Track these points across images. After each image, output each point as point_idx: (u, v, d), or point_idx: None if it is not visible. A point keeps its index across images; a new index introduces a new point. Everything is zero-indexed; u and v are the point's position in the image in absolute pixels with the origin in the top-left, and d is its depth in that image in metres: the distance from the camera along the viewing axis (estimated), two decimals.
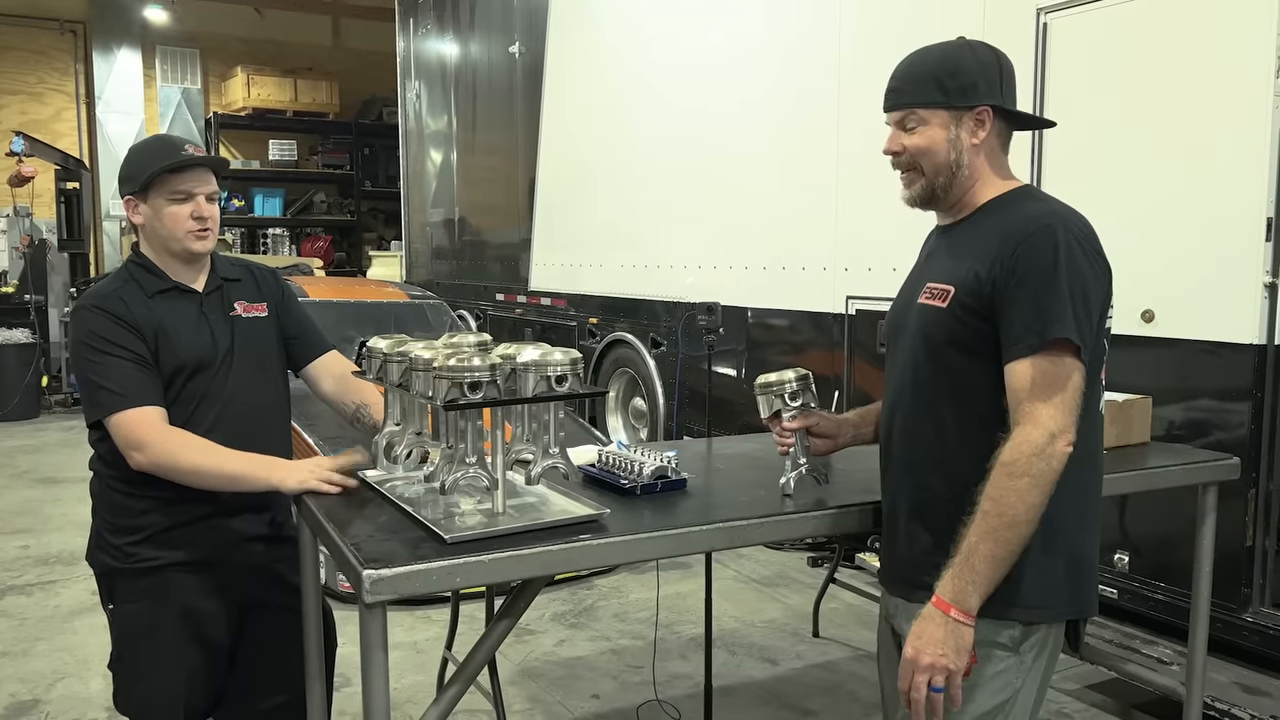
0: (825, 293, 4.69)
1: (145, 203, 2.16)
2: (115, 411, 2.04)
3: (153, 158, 2.15)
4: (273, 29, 13.27)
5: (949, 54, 1.75)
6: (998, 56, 1.77)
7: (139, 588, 2.16)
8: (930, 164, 1.76)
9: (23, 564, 5.08)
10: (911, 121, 1.76)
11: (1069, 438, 1.61)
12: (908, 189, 1.81)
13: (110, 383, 2.05)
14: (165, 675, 2.17)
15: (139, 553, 2.14)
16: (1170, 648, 3.22)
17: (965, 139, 1.74)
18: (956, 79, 1.72)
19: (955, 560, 1.63)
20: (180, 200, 2.14)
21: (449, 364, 1.81)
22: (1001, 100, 1.75)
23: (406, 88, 10.07)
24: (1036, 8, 3.59)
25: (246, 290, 2.31)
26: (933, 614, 1.64)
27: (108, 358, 2.06)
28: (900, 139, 1.78)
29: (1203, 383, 3.15)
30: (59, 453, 7.86)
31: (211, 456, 2.05)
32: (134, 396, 2.05)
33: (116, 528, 2.16)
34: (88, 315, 2.11)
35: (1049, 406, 1.60)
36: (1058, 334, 1.60)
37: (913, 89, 1.75)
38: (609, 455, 2.25)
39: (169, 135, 2.35)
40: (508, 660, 3.83)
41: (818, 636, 4.14)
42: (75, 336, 2.13)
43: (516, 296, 7.81)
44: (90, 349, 2.08)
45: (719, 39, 5.36)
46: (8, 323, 9.45)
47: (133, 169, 2.16)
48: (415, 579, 1.65)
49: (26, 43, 12.46)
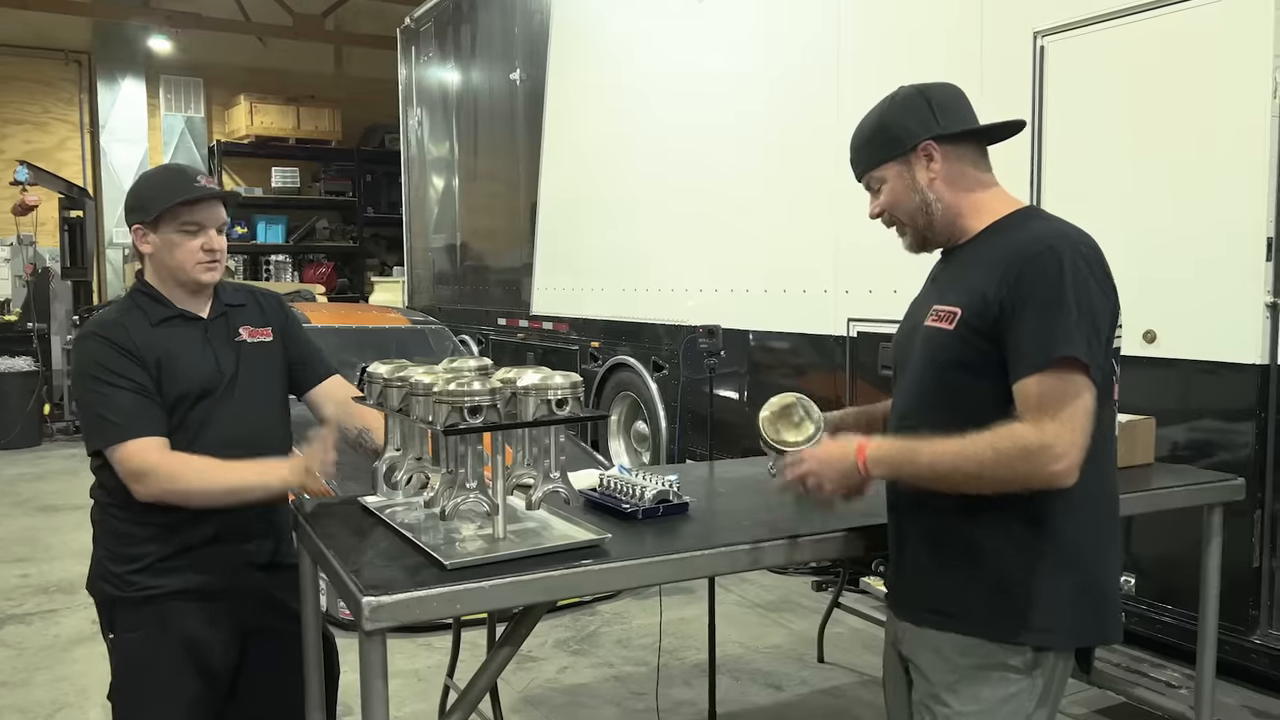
0: (826, 315, 4.69)
1: (155, 233, 2.15)
2: (117, 442, 2.04)
3: (165, 189, 2.15)
4: (275, 58, 13.39)
5: (877, 113, 1.86)
6: (923, 92, 1.82)
7: (139, 616, 2.14)
8: (904, 213, 1.84)
9: (23, 593, 5.05)
10: (874, 184, 1.87)
11: (1070, 461, 1.58)
12: (902, 240, 1.90)
13: (112, 413, 2.05)
14: (165, 705, 2.15)
15: (139, 581, 2.13)
16: (1179, 671, 3.19)
17: (922, 178, 1.80)
18: (887, 131, 1.82)
19: (903, 441, 1.73)
20: (191, 233, 2.14)
21: (449, 389, 1.81)
22: (941, 128, 1.79)
23: (408, 115, 10.14)
24: (1033, 31, 3.62)
25: (251, 315, 2.31)
26: (849, 454, 1.76)
27: (110, 387, 2.06)
28: (875, 202, 1.88)
29: (1206, 403, 3.14)
30: (60, 480, 7.85)
31: (208, 476, 2.05)
32: (135, 427, 2.05)
33: (117, 556, 2.15)
34: (91, 344, 2.11)
35: (1055, 423, 1.59)
36: (1064, 352, 1.59)
37: (860, 157, 1.88)
38: (610, 479, 2.24)
39: (180, 166, 2.36)
40: (510, 688, 3.80)
41: (823, 662, 4.10)
42: (78, 365, 2.13)
43: (518, 321, 7.82)
44: (93, 378, 2.07)
45: (719, 64, 5.40)
46: (10, 351, 9.46)
47: (143, 199, 2.16)
48: (416, 606, 1.64)
49: (32, 73, 12.57)
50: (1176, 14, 3.20)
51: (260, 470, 2.09)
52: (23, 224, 10.19)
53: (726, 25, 5.33)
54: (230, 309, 2.28)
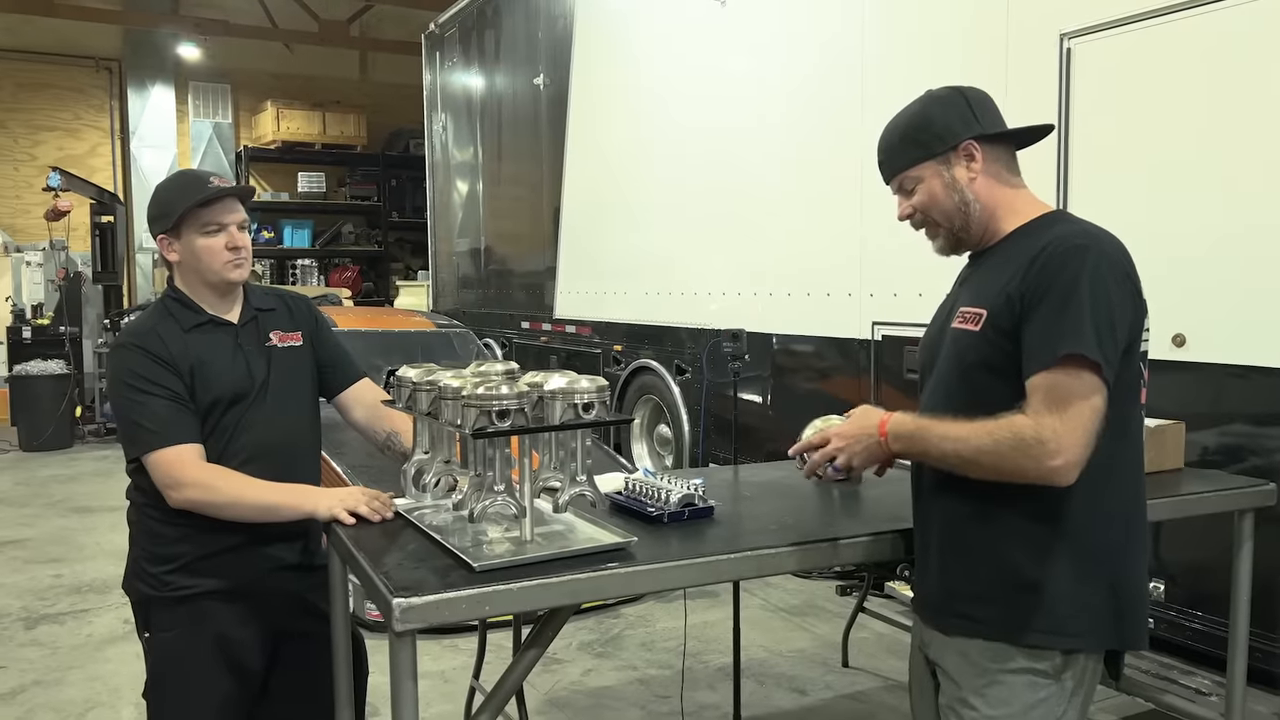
0: (851, 319, 4.68)
1: (179, 239, 2.19)
2: (153, 450, 2.08)
3: (180, 194, 2.18)
4: (302, 64, 13.53)
5: (914, 112, 1.83)
6: (961, 92, 1.82)
7: (174, 616, 2.18)
8: (940, 213, 1.81)
9: (56, 593, 5.13)
10: (908, 184, 1.83)
11: (1067, 459, 1.57)
12: (934, 243, 1.88)
13: (148, 421, 2.09)
14: (199, 703, 2.19)
15: (174, 581, 2.17)
16: (1209, 678, 3.15)
17: (962, 177, 1.79)
18: (929, 130, 1.79)
19: (923, 418, 1.75)
20: (213, 232, 2.17)
21: (477, 392, 1.83)
22: (981, 128, 1.78)
23: (433, 119, 10.21)
24: (1060, 33, 3.59)
25: (281, 320, 2.34)
26: (871, 430, 1.79)
27: (146, 396, 2.09)
28: (906, 203, 1.85)
29: (1236, 407, 3.11)
30: (92, 482, 7.96)
31: (246, 492, 2.08)
32: (171, 435, 2.08)
33: (152, 556, 2.19)
34: (126, 354, 2.15)
35: (1054, 418, 1.58)
36: (1072, 349, 1.58)
37: (896, 156, 1.84)
38: (636, 483, 2.25)
39: (192, 170, 2.40)
40: (535, 690, 3.82)
41: (847, 666, 4.09)
42: (114, 374, 2.17)
43: (542, 324, 7.85)
44: (129, 387, 2.11)
45: (742, 67, 5.40)
46: (43, 354, 9.61)
47: (162, 208, 2.19)
48: (445, 608, 1.66)
49: (64, 80, 12.78)
50: (1207, 15, 3.17)
51: (299, 496, 2.11)
52: (55, 229, 10.35)
53: (750, 28, 5.33)
54: (260, 313, 2.31)
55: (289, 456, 2.23)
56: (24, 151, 12.65)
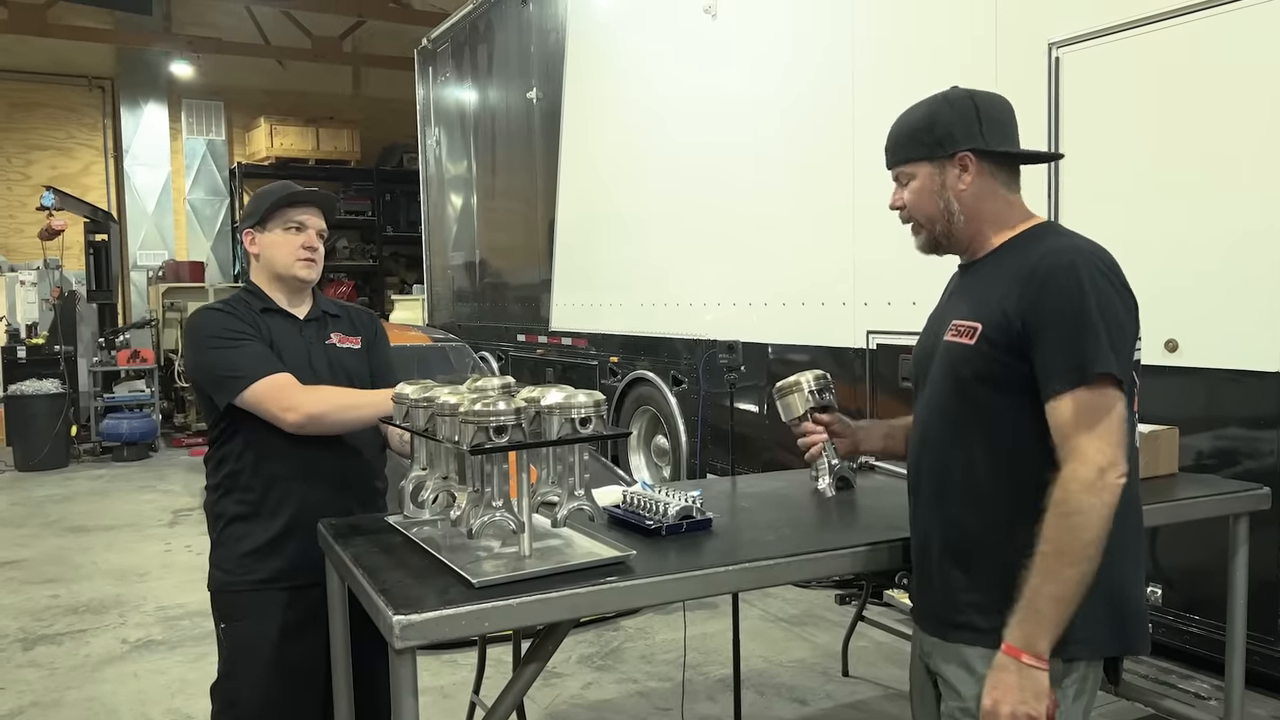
0: (846, 328, 4.69)
1: (263, 233, 2.38)
2: (257, 380, 2.20)
3: (274, 195, 2.40)
4: (294, 80, 13.55)
5: (927, 109, 1.84)
6: (976, 103, 1.82)
7: (247, 605, 2.29)
8: (924, 215, 1.84)
9: (53, 613, 5.12)
10: (903, 178, 1.86)
11: (1120, 469, 1.61)
12: (915, 239, 1.90)
13: (245, 360, 2.23)
14: (267, 692, 2.27)
15: (251, 568, 2.29)
16: (1207, 682, 3.16)
17: (953, 185, 1.80)
18: (933, 132, 1.81)
19: (1020, 605, 1.63)
20: (294, 230, 2.37)
21: (474, 409, 1.83)
22: (983, 144, 1.79)
23: (426, 134, 10.23)
24: (1048, 43, 3.62)
25: (343, 325, 2.51)
26: (1006, 662, 1.63)
27: (238, 342, 2.25)
28: (898, 194, 1.88)
29: (1229, 412, 3.13)
30: (88, 501, 7.94)
31: (348, 397, 2.27)
32: (270, 366, 2.24)
33: (228, 546, 2.31)
34: (212, 314, 2.32)
35: (1094, 439, 1.60)
36: (1099, 369, 1.61)
37: (899, 148, 1.87)
38: (634, 496, 2.25)
39: (289, 180, 2.60)
40: (535, 704, 3.81)
41: (847, 675, 4.09)
42: (201, 334, 2.29)
43: (537, 337, 7.86)
44: (219, 338, 2.25)
45: (733, 80, 5.43)
46: (38, 373, 9.60)
47: (256, 205, 2.40)
48: (444, 624, 1.66)
49: (57, 99, 12.79)
50: (1194, 23, 3.20)
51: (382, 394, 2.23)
52: (49, 248, 10.35)
53: (741, 41, 5.36)
54: (326, 315, 2.47)
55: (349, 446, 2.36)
56: (17, 171, 12.65)
